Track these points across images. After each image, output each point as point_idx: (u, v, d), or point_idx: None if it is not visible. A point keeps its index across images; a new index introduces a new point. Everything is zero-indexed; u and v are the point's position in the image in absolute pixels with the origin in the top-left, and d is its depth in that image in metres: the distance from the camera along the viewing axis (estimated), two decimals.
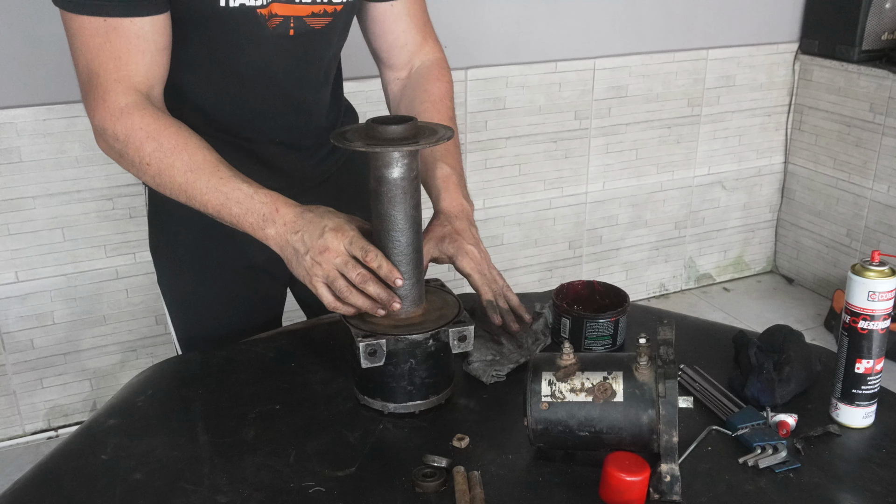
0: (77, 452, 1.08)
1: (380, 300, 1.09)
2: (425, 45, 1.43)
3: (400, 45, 1.41)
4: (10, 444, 2.47)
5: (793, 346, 1.19)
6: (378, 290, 1.09)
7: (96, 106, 1.15)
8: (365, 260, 1.08)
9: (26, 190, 2.26)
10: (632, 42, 2.94)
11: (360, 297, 1.09)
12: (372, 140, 1.07)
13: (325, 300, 1.11)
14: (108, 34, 1.11)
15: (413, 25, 1.41)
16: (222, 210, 1.14)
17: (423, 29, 1.43)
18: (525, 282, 3.06)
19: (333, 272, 1.09)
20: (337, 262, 1.08)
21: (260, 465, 1.03)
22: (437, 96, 1.39)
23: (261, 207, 1.12)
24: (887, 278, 1.06)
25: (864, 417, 1.11)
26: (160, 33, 1.15)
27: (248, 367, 1.27)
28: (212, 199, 1.14)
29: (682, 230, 3.33)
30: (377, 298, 1.09)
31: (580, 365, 1.01)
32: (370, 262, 1.08)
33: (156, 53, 1.15)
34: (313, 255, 1.09)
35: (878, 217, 3.01)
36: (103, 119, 1.14)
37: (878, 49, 2.99)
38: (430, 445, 1.06)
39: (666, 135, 3.13)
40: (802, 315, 3.20)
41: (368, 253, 1.08)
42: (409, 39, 1.41)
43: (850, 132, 3.06)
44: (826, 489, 0.99)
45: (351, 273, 1.08)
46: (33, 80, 2.20)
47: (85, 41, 1.13)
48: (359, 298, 1.09)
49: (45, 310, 2.39)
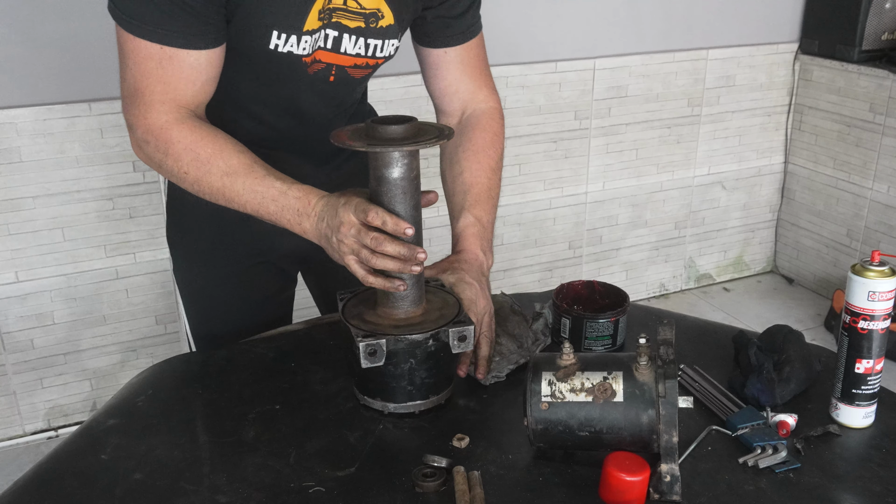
0: (77, 452, 1.08)
1: (402, 256, 1.07)
2: (478, 94, 1.41)
3: (452, 92, 1.40)
4: (10, 444, 2.47)
5: (793, 346, 1.19)
6: (396, 248, 1.06)
7: (138, 120, 1.18)
8: (367, 220, 1.06)
9: (26, 190, 2.26)
10: (632, 42, 2.94)
11: (386, 260, 1.07)
12: (372, 140, 1.07)
13: (359, 275, 1.09)
14: (161, 61, 1.14)
15: (466, 73, 1.39)
16: (260, 209, 1.16)
17: (478, 77, 1.41)
18: (525, 282, 3.06)
19: (355, 244, 1.07)
20: (352, 233, 1.07)
21: (260, 465, 1.03)
22: (480, 145, 1.36)
23: (294, 203, 1.13)
24: (887, 278, 1.06)
25: (864, 417, 1.11)
26: (213, 65, 1.19)
27: (248, 367, 1.27)
28: (249, 199, 1.16)
29: (682, 230, 3.33)
30: (398, 255, 1.07)
31: (580, 365, 1.01)
32: (372, 221, 1.05)
33: (205, 83, 1.19)
34: (336, 235, 1.09)
35: (878, 217, 3.01)
36: (145, 132, 1.17)
37: (878, 49, 2.99)
38: (430, 445, 1.06)
39: (666, 135, 3.13)
40: (802, 315, 3.20)
41: (369, 212, 1.05)
42: (462, 87, 1.40)
43: (850, 132, 3.06)
44: (826, 489, 0.99)
45: (365, 239, 1.06)
46: (33, 80, 2.20)
47: (137, 62, 1.15)
48: (386, 261, 1.07)
49: (45, 310, 2.39)
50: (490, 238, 1.32)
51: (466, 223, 1.30)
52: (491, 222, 1.33)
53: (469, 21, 1.36)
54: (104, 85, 2.25)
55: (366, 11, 1.24)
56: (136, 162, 2.34)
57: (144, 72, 1.15)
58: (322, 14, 1.20)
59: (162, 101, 1.16)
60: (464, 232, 1.29)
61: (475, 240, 1.28)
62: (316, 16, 1.20)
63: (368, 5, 1.24)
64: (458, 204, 1.32)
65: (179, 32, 1.12)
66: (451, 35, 1.36)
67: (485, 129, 1.38)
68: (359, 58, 1.27)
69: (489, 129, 1.38)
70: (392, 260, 1.07)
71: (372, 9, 1.24)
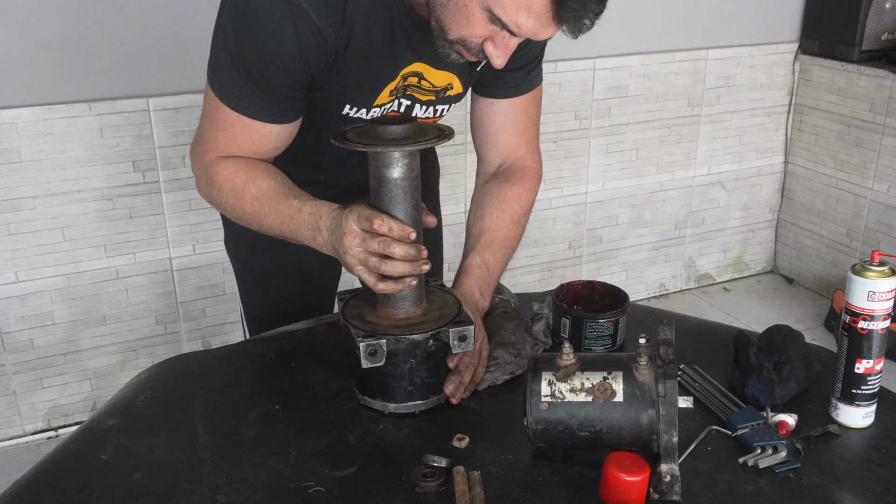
0: (77, 452, 1.08)
1: (409, 256, 1.07)
2: (518, 150, 1.41)
3: (492, 142, 1.41)
4: (10, 444, 2.47)
5: (793, 346, 1.19)
6: (403, 249, 1.06)
7: (195, 159, 1.27)
8: (373, 228, 1.06)
9: (26, 190, 2.26)
10: (632, 42, 2.94)
11: (395, 263, 1.07)
12: (372, 140, 1.07)
13: (370, 283, 1.09)
14: (235, 125, 1.21)
15: (510, 127, 1.39)
16: (284, 229, 1.18)
17: (522, 134, 1.41)
18: (525, 282, 3.06)
19: (361, 253, 1.07)
20: (356, 242, 1.07)
21: (260, 465, 1.03)
22: (507, 196, 1.37)
23: (308, 219, 1.15)
24: (887, 278, 1.06)
25: (864, 417, 1.11)
26: (283, 137, 1.25)
27: (248, 367, 1.27)
28: (275, 220, 1.19)
29: (682, 230, 3.33)
30: (406, 256, 1.07)
31: (580, 365, 1.01)
32: (378, 228, 1.06)
33: (270, 150, 1.26)
34: (344, 247, 1.08)
35: (878, 217, 3.01)
36: (199, 170, 1.27)
37: (878, 49, 2.99)
38: (430, 445, 1.06)
39: (666, 135, 3.13)
40: (802, 315, 3.20)
41: (374, 220, 1.06)
42: (503, 140, 1.40)
43: (850, 132, 3.06)
44: (826, 489, 0.99)
45: (372, 245, 1.06)
46: (33, 80, 2.20)
47: (214, 118, 1.23)
48: (395, 265, 1.07)
49: (45, 310, 2.39)
50: (492, 282, 1.33)
51: (471, 264, 1.32)
52: (497, 268, 1.34)
53: (520, 77, 1.35)
54: (104, 85, 2.25)
55: (437, 88, 1.29)
56: (136, 162, 2.34)
57: (217, 127, 1.23)
58: (394, 92, 1.26)
59: (215, 150, 1.24)
60: (466, 271, 1.31)
61: (475, 279, 1.30)
62: (387, 93, 1.25)
63: (440, 84, 1.28)
64: (471, 245, 1.34)
65: (260, 109, 1.19)
66: (500, 88, 1.36)
67: (516, 182, 1.39)
68: (427, 119, 1.31)
69: (520, 183, 1.39)
70: (401, 263, 1.07)
71: (444, 86, 1.29)
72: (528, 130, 1.42)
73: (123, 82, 2.27)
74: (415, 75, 1.25)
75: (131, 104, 2.29)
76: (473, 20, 1.06)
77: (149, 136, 2.33)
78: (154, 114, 2.32)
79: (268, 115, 1.20)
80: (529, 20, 1.03)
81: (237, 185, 1.21)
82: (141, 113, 2.31)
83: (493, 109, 1.37)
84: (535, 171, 1.43)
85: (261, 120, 1.20)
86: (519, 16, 1.03)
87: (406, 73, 1.24)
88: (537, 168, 1.44)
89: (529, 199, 1.40)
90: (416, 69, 1.25)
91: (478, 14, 1.06)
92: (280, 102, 1.19)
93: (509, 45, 1.10)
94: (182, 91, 2.32)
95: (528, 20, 1.03)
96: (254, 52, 1.13)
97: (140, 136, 2.32)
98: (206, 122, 1.24)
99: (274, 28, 1.11)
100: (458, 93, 1.33)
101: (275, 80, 1.16)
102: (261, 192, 1.19)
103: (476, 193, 1.43)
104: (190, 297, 2.55)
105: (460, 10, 1.07)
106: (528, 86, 1.37)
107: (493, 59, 1.11)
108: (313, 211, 1.14)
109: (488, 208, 1.36)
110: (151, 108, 2.31)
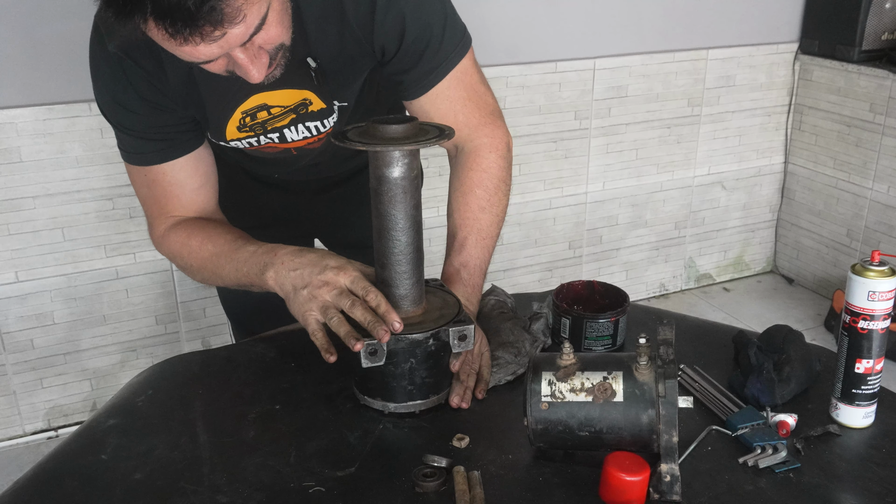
0: (77, 452, 1.08)
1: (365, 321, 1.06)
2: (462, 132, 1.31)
3: None
4: (10, 444, 2.47)
5: (793, 346, 1.19)
6: (365, 315, 1.07)
7: (150, 232, 1.35)
8: (366, 299, 1.08)
9: (26, 190, 2.26)
10: (632, 42, 2.94)
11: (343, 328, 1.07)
12: (372, 139, 1.07)
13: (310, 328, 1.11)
14: (148, 184, 1.29)
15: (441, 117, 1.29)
16: (239, 274, 1.21)
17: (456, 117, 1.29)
18: (525, 282, 3.06)
19: (329, 304, 1.09)
20: (333, 293, 1.09)
21: (260, 465, 1.03)
22: (467, 185, 1.31)
23: (262, 258, 1.17)
24: (887, 278, 1.06)
25: (864, 417, 1.11)
26: (198, 171, 1.29)
27: (248, 367, 1.27)
28: (231, 270, 1.21)
29: (682, 230, 3.33)
30: (363, 321, 1.07)
31: (580, 365, 1.01)
32: (370, 301, 1.08)
33: (193, 192, 1.30)
34: (311, 290, 1.10)
35: (878, 217, 3.01)
36: (156, 244, 1.34)
37: (878, 49, 2.99)
38: (430, 445, 1.06)
39: (666, 135, 3.13)
40: (802, 315, 3.20)
41: (369, 293, 1.08)
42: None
43: (850, 132, 3.06)
44: (826, 489, 0.99)
45: (344, 302, 1.08)
46: (33, 80, 2.20)
47: (136, 187, 1.32)
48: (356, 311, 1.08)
49: (45, 310, 2.39)
50: (477, 282, 1.28)
51: (450, 272, 1.28)
52: (478, 266, 1.29)
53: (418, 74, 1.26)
54: None
55: (289, 106, 1.25)
56: None
57: (141, 196, 1.32)
58: (242, 128, 1.25)
59: (160, 215, 1.30)
60: (447, 281, 1.27)
61: (457, 286, 1.27)
62: (235, 130, 1.25)
63: (290, 102, 1.24)
64: (447, 249, 1.32)
65: (153, 151, 1.25)
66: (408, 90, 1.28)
67: (472, 167, 1.31)
68: (309, 137, 1.30)
69: (475, 165, 1.31)
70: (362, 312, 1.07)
71: (297, 102, 1.25)
72: (462, 110, 1.31)
73: None
74: (261, 108, 1.24)
75: None
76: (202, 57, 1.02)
77: None
78: None
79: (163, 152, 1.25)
80: (177, 49, 0.99)
81: (192, 248, 1.27)
82: None
83: (418, 107, 1.30)
84: (488, 145, 1.32)
85: (161, 161, 1.25)
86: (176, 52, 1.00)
87: (247, 110, 1.23)
88: (491, 140, 1.33)
89: (492, 177, 1.32)
90: (256, 101, 1.22)
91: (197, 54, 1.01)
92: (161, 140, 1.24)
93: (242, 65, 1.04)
94: None
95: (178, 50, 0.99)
96: (111, 107, 1.22)
97: None
98: (137, 194, 1.33)
99: (109, 81, 1.19)
100: (322, 108, 1.26)
101: (137, 125, 1.22)
102: (217, 247, 1.24)
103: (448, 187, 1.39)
104: (190, 297, 2.55)
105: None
106: (436, 75, 1.26)
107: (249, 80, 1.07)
108: (267, 250, 1.17)
109: (453, 203, 1.32)
110: None
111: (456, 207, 1.31)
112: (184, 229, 1.28)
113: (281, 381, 1.22)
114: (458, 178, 1.33)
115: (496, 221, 1.32)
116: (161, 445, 1.07)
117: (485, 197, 1.31)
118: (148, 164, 1.26)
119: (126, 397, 1.20)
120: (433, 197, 2.75)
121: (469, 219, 1.30)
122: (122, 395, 1.21)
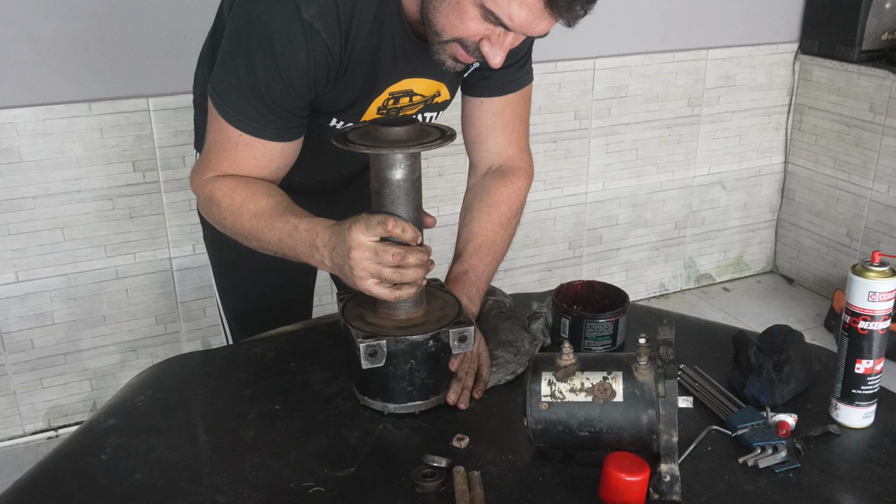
0: (77, 452, 1.08)
1: (423, 262, 1.06)
2: (507, 150, 1.39)
3: (481, 141, 1.39)
4: (10, 444, 2.47)
5: (793, 346, 1.19)
6: (418, 256, 1.05)
7: (193, 178, 1.27)
8: (387, 231, 1.04)
9: (26, 190, 2.26)
10: (632, 42, 2.94)
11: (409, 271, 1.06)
12: (374, 141, 1.07)
13: (383, 296, 1.07)
14: (238, 145, 1.20)
15: (499, 126, 1.37)
16: (282, 246, 1.18)
17: (511, 133, 1.38)
18: (525, 282, 3.06)
19: (374, 267, 1.05)
20: (367, 255, 1.05)
21: (260, 465, 1.03)
22: (495, 199, 1.35)
23: (305, 236, 1.13)
24: (887, 279, 1.06)
25: (864, 417, 1.11)
26: (286, 156, 1.24)
27: (248, 367, 1.27)
28: (272, 238, 1.18)
29: (682, 230, 3.33)
30: (421, 263, 1.06)
31: (580, 365, 1.01)
32: (392, 230, 1.04)
33: (273, 171, 1.24)
34: (349, 262, 1.06)
35: (878, 217, 3.01)
36: (196, 188, 1.26)
37: (878, 49, 2.99)
38: (430, 445, 1.06)
39: (666, 135, 3.13)
40: (802, 315, 3.20)
41: (387, 222, 1.04)
42: (492, 140, 1.38)
43: (850, 132, 3.06)
44: (826, 489, 0.99)
45: (386, 257, 1.04)
46: (33, 80, 2.20)
47: (217, 139, 1.22)
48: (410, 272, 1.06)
49: (45, 310, 2.39)
50: (481, 287, 1.32)
51: (458, 271, 1.31)
52: (486, 273, 1.32)
53: (509, 75, 1.34)
54: (104, 85, 2.25)
55: (426, 97, 1.29)
56: (135, 162, 2.34)
57: (220, 149, 1.22)
58: (382, 108, 1.26)
59: (216, 168, 1.23)
60: (455, 279, 1.30)
61: (463, 286, 1.29)
62: (374, 110, 1.26)
63: (429, 93, 1.28)
64: (459, 250, 1.34)
65: (263, 127, 1.18)
66: (489, 86, 1.35)
67: (505, 184, 1.37)
68: None
69: (509, 185, 1.37)
70: (415, 269, 1.06)
71: (432, 94, 1.29)
72: (517, 129, 1.40)
73: (123, 82, 2.27)
74: (405, 94, 1.26)
75: (131, 104, 2.29)
76: (466, 18, 1.06)
77: (149, 136, 2.33)
78: (154, 114, 2.32)
79: (272, 132, 1.19)
80: (522, 11, 1.03)
81: (235, 201, 1.20)
82: (141, 113, 2.31)
83: (483, 108, 1.36)
84: (525, 171, 1.41)
85: (265, 138, 1.19)
86: (511, 7, 1.03)
87: (395, 91, 1.24)
88: (527, 168, 1.42)
89: (519, 200, 1.39)
90: (405, 86, 1.25)
91: (470, 11, 1.05)
92: (284, 120, 1.19)
93: (505, 43, 1.09)
94: (182, 91, 2.32)
95: (521, 11, 1.03)
96: (264, 70, 1.13)
97: (140, 136, 2.32)
98: (209, 142, 1.23)
99: (286, 47, 1.11)
100: (446, 100, 1.33)
101: (282, 98, 1.15)
102: (259, 208, 1.18)
103: (466, 195, 1.42)
104: (190, 297, 2.55)
105: (453, 10, 1.07)
106: (517, 84, 1.36)
107: (491, 59, 1.10)
108: (309, 228, 1.13)
109: (476, 212, 1.35)
110: (151, 108, 2.31)
111: (479, 216, 1.34)
112: (232, 181, 1.22)
113: (281, 381, 1.22)
114: (487, 190, 1.37)
115: (507, 241, 1.37)
116: (161, 446, 1.07)
117: (508, 215, 1.36)
118: (248, 133, 1.19)
119: (126, 397, 1.20)
120: (433, 197, 2.75)
121: (488, 230, 1.34)
122: (121, 396, 1.21)
